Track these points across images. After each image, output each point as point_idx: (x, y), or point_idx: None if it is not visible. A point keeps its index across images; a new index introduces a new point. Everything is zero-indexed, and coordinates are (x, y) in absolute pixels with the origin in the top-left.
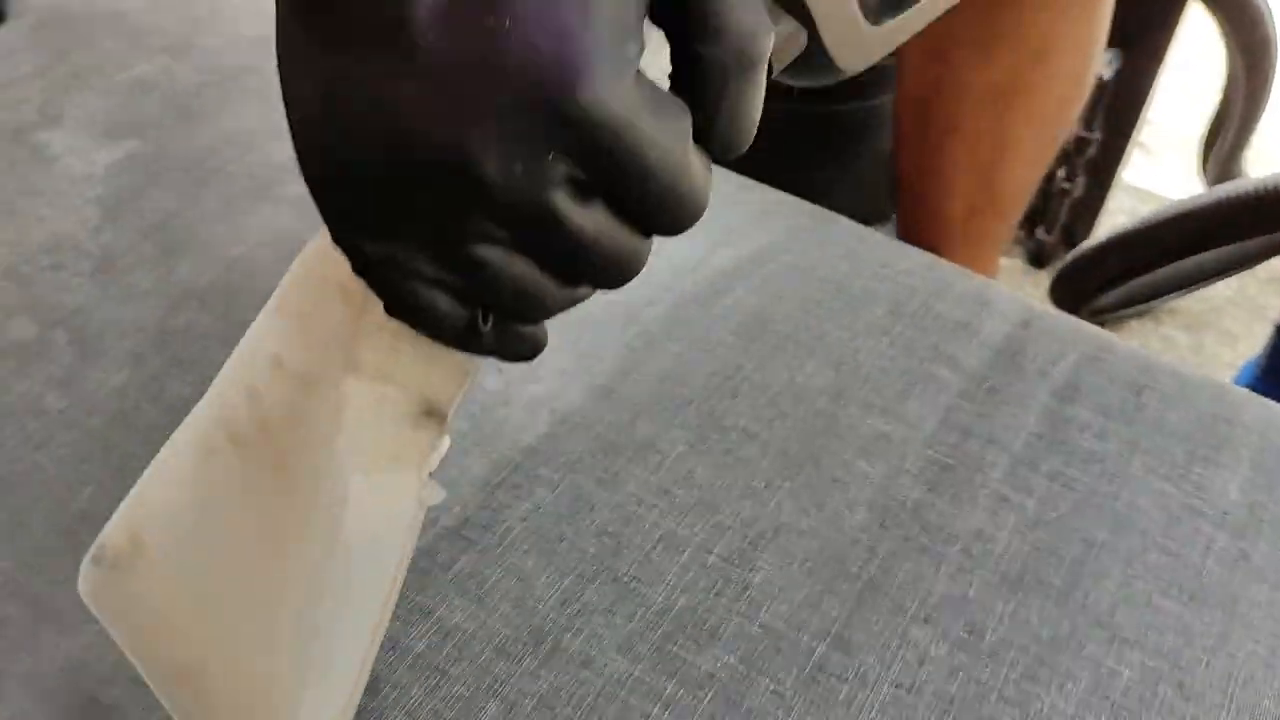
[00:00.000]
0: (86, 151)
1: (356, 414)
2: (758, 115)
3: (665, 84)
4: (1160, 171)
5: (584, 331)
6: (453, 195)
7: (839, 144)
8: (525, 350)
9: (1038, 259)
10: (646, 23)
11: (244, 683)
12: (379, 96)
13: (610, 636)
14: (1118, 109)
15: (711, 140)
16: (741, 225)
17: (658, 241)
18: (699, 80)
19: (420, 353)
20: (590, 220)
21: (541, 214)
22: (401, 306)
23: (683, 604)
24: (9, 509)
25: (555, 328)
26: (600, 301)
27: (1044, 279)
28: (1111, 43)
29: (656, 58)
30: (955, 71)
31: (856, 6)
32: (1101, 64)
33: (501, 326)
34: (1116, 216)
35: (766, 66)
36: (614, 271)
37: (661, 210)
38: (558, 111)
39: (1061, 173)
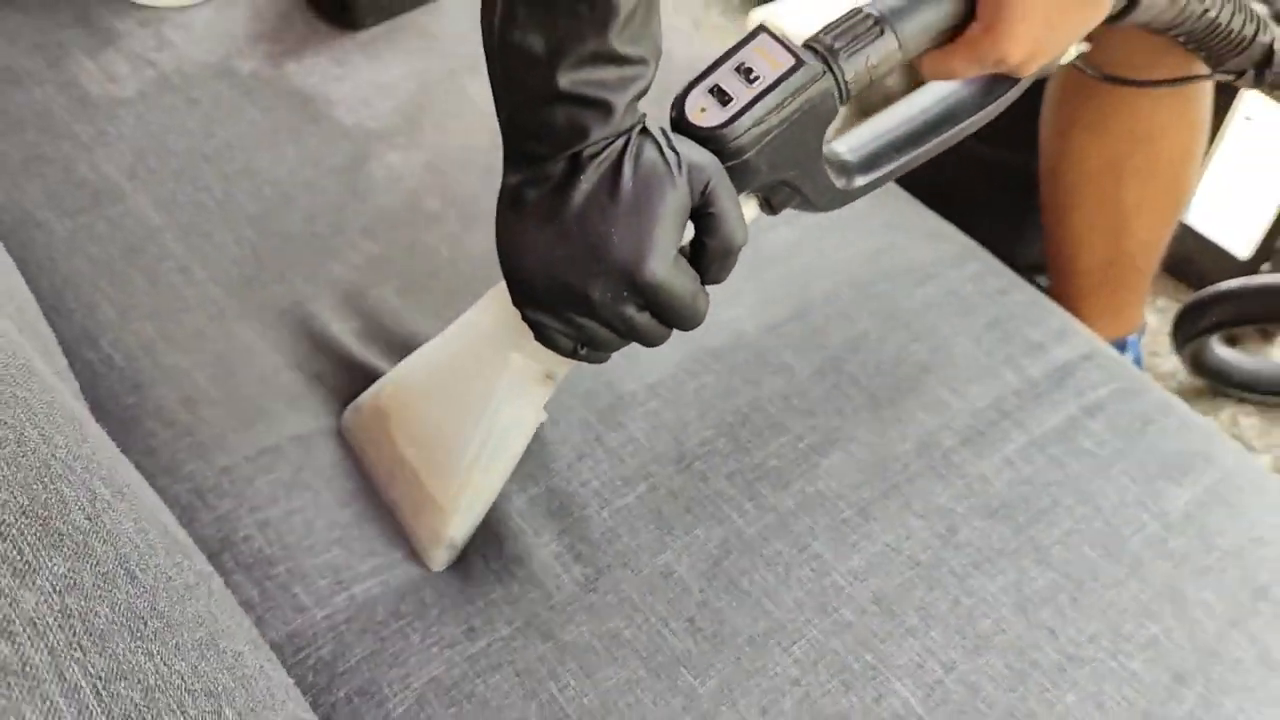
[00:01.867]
0: None
1: (513, 372)
2: (730, 271)
3: None
4: None
5: (772, 285)
6: (574, 303)
7: (1009, 196)
8: (600, 361)
9: None
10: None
11: (429, 496)
12: (545, 253)
13: (723, 469)
14: None
15: (705, 282)
16: (910, 243)
17: (832, 235)
18: (701, 255)
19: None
20: (641, 320)
21: (618, 318)
22: (541, 339)
23: (773, 464)
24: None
25: (757, 277)
26: (784, 268)
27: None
28: None
29: None
30: (1075, 148)
31: (832, 178)
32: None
33: (589, 352)
34: None
35: (739, 250)
36: (653, 340)
37: (679, 321)
38: (632, 279)
39: None
